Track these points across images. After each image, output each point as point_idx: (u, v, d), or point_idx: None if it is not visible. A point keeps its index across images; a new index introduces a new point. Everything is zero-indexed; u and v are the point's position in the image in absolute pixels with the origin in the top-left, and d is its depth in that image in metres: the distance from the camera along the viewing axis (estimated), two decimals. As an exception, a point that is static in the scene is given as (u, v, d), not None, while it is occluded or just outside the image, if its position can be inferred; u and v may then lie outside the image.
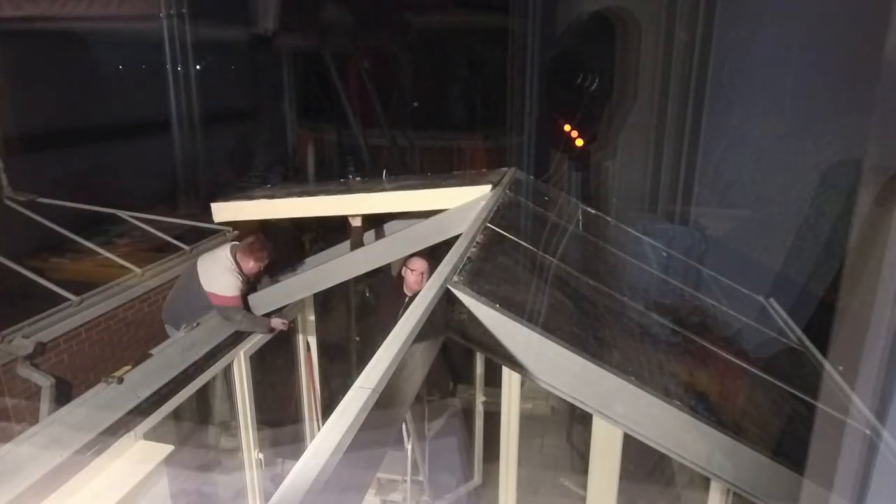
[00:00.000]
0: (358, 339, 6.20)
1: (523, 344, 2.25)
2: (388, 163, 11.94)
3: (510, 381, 3.55)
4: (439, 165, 11.97)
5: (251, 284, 4.16)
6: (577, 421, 5.12)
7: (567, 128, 8.71)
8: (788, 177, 5.48)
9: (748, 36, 6.18)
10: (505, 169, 4.75)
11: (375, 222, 4.72)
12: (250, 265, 3.99)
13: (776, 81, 5.64)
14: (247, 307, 4.06)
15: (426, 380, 2.01)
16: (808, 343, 3.72)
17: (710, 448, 2.17)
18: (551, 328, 2.29)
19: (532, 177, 5.32)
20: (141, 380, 3.30)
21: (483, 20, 11.54)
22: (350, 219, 4.14)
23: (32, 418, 4.18)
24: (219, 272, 3.92)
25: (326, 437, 1.36)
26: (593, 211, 5.11)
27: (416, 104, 12.50)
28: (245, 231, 7.84)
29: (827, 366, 3.23)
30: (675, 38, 7.42)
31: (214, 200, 4.34)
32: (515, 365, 2.27)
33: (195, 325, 3.84)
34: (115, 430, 3.00)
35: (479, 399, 4.86)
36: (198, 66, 9.17)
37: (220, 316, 3.91)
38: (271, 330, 4.13)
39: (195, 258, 4.26)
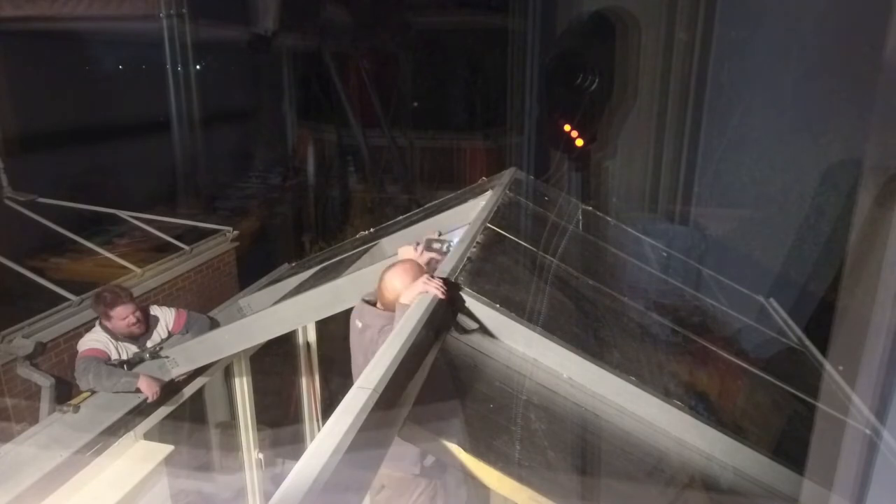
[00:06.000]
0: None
1: (523, 344, 2.25)
2: (388, 163, 11.97)
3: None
4: (439, 165, 11.98)
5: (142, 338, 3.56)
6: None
7: (567, 128, 8.70)
8: (788, 177, 5.47)
9: (748, 36, 6.17)
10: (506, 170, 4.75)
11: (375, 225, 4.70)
12: (113, 325, 3.41)
13: (776, 81, 5.63)
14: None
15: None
16: (808, 343, 3.72)
17: (709, 448, 2.17)
18: (551, 328, 2.29)
19: (532, 177, 5.31)
20: (141, 380, 3.30)
21: (483, 20, 11.54)
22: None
23: (32, 418, 4.18)
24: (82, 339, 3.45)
25: (326, 437, 1.36)
26: (593, 211, 5.10)
27: (415, 104, 12.51)
28: (246, 233, 7.85)
29: (827, 366, 3.23)
30: (675, 38, 7.42)
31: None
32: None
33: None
34: (115, 430, 3.00)
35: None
36: (198, 66, 9.17)
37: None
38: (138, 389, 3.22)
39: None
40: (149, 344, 3.54)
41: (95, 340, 3.38)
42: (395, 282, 2.49)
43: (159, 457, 3.03)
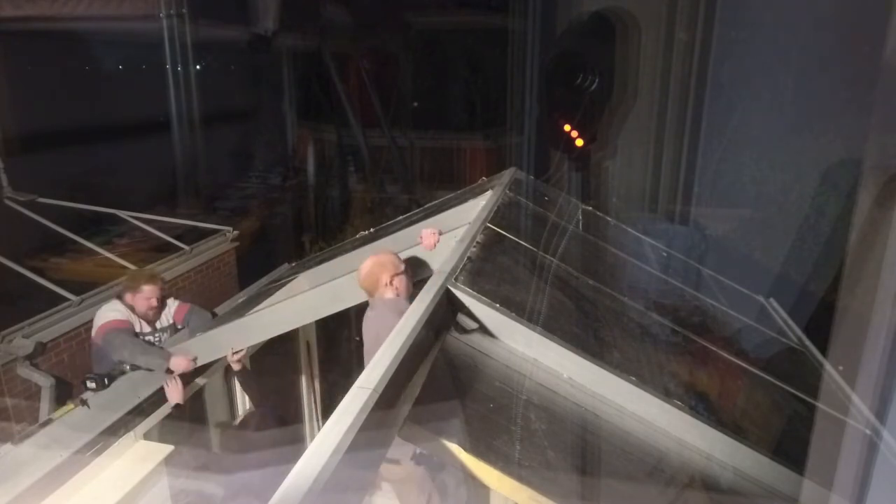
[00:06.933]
0: (358, 338, 6.18)
1: (523, 344, 2.25)
2: (388, 163, 11.97)
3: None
4: (439, 166, 11.99)
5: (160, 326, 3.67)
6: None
7: (567, 128, 8.70)
8: (788, 177, 5.48)
9: (748, 36, 6.18)
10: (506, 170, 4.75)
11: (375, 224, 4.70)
12: (135, 301, 3.48)
13: (776, 81, 5.64)
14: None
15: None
16: (808, 343, 3.72)
17: (709, 448, 2.17)
18: (551, 328, 2.29)
19: (532, 177, 5.31)
20: (141, 380, 3.30)
21: (483, 20, 11.54)
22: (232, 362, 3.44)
23: (32, 418, 4.18)
24: (99, 313, 3.47)
25: (326, 437, 1.36)
26: (593, 211, 5.10)
27: (415, 104, 12.50)
28: (246, 233, 7.84)
29: (827, 366, 3.23)
30: (675, 38, 7.42)
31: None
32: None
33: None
34: (115, 430, 3.00)
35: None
36: (198, 66, 9.17)
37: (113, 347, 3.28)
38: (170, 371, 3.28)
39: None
40: (158, 326, 3.66)
41: (117, 311, 3.42)
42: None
43: (159, 457, 3.03)
